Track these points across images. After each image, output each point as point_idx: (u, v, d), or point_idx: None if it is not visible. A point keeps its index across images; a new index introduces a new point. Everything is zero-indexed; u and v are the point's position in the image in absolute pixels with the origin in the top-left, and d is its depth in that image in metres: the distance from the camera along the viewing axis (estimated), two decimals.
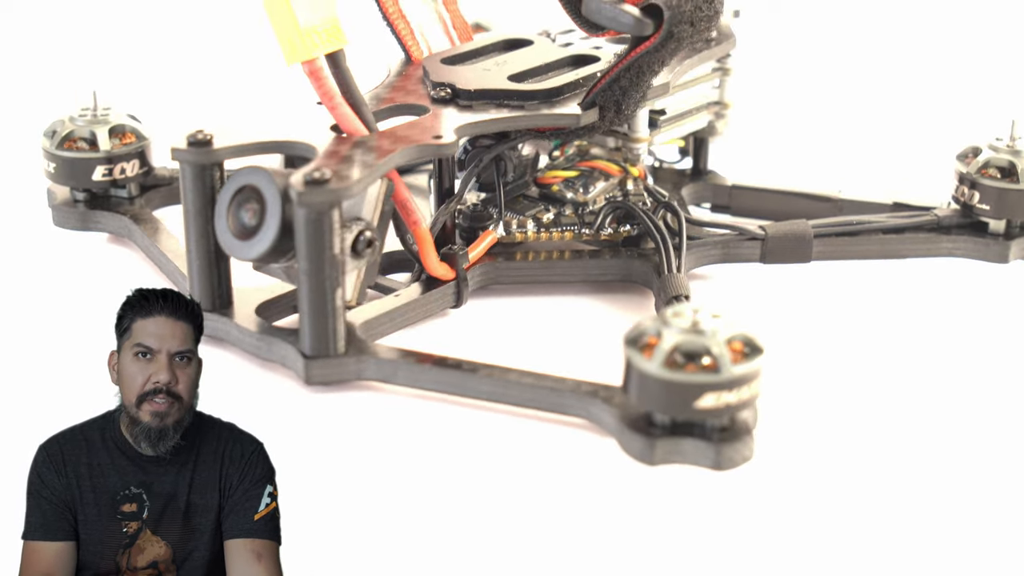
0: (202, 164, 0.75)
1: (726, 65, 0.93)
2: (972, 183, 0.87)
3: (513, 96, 0.82)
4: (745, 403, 0.66)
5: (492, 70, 0.84)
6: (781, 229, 0.87)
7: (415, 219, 0.79)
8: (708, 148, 0.97)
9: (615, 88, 0.80)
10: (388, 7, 0.88)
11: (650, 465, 0.67)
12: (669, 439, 0.67)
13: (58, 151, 0.89)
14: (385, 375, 0.74)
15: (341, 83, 0.77)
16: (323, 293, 0.73)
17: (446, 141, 0.77)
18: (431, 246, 0.80)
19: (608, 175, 0.89)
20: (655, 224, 0.85)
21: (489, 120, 0.80)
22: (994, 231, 0.87)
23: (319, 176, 0.70)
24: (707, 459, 0.67)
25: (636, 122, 0.87)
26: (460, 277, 0.82)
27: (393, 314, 0.79)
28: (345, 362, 0.74)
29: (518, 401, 0.72)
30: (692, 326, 0.66)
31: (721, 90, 0.94)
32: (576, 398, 0.71)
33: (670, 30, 0.77)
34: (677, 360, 0.65)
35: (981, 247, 0.87)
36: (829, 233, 0.87)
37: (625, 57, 0.79)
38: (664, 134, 0.91)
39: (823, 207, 0.93)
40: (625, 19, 0.77)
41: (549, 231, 0.86)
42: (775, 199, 0.94)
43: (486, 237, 0.85)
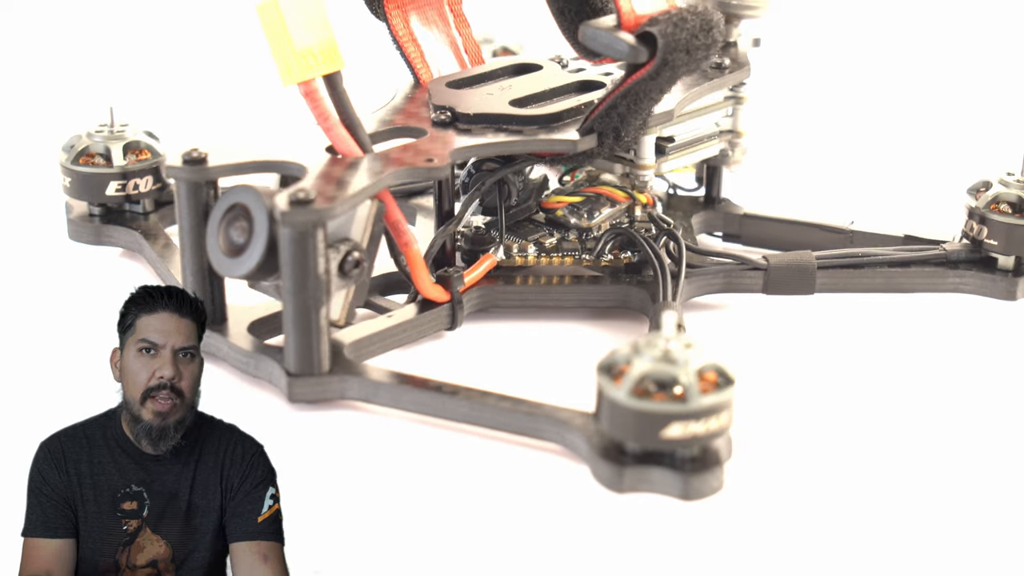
0: (196, 182, 0.76)
1: (739, 94, 0.92)
2: (981, 218, 0.85)
3: (512, 121, 0.82)
4: (714, 434, 0.66)
5: (495, 95, 0.85)
6: (784, 260, 0.86)
7: (406, 240, 0.79)
8: (721, 176, 0.96)
9: (613, 115, 0.80)
10: (398, 30, 0.89)
11: (619, 493, 0.67)
12: (638, 467, 0.67)
13: (73, 166, 0.91)
14: (367, 395, 0.75)
15: (337, 105, 0.78)
16: (307, 312, 0.73)
17: (437, 164, 0.77)
18: (423, 268, 0.80)
19: (615, 201, 0.89)
20: (655, 251, 0.84)
21: (484, 144, 0.80)
22: (1003, 267, 0.86)
23: (303, 196, 0.71)
24: (675, 489, 0.66)
25: (642, 149, 0.87)
26: (455, 300, 0.82)
27: (384, 334, 0.80)
28: (328, 381, 0.75)
29: (495, 425, 0.72)
30: (663, 355, 0.66)
31: (734, 119, 0.93)
32: (551, 424, 0.71)
33: (664, 58, 0.77)
34: (645, 389, 0.65)
35: (988, 283, 0.86)
36: (833, 265, 0.86)
37: (621, 84, 0.79)
38: (672, 161, 0.90)
39: (834, 238, 0.92)
40: (620, 47, 0.77)
41: (550, 256, 0.86)
42: (786, 229, 0.94)
43: (485, 260, 0.85)
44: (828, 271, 0.86)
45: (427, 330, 0.82)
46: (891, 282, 0.86)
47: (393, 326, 0.80)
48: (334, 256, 0.74)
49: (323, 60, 0.77)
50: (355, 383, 0.75)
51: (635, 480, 0.67)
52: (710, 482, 0.66)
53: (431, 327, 0.82)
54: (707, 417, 0.65)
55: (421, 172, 0.77)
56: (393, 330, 0.80)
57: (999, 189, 0.85)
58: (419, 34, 0.90)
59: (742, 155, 0.98)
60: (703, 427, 0.65)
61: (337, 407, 0.76)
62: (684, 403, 0.64)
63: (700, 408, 0.64)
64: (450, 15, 0.92)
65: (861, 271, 0.86)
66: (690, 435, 0.65)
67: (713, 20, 0.78)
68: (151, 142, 0.93)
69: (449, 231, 0.84)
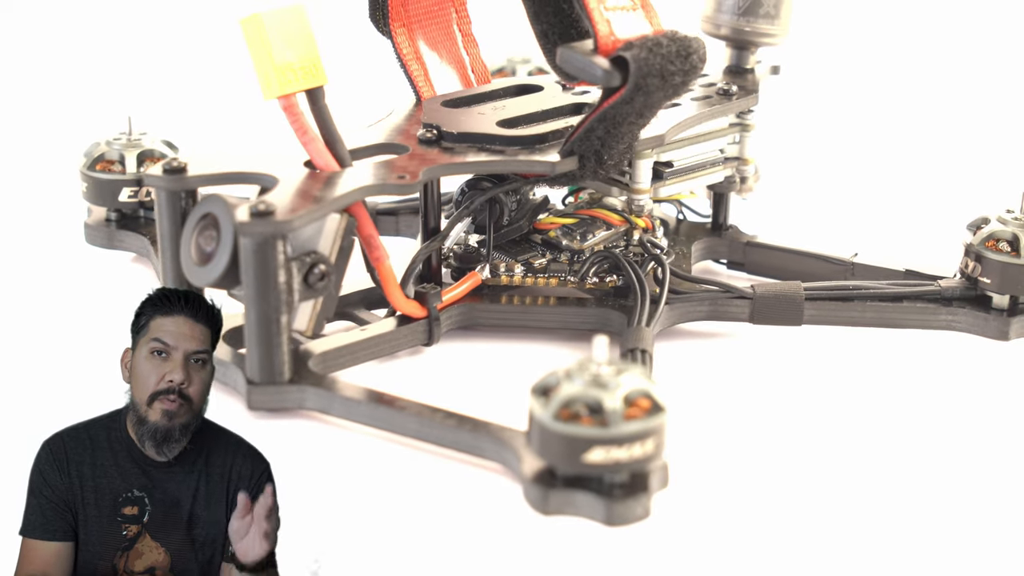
0: (173, 191, 0.78)
1: (746, 121, 0.92)
2: (977, 255, 0.83)
3: (495, 140, 0.82)
4: (639, 461, 0.65)
5: (487, 115, 0.85)
6: (770, 290, 0.85)
7: (377, 255, 0.80)
8: (729, 203, 0.95)
9: (592, 138, 0.80)
10: (403, 47, 0.90)
11: (545, 515, 0.67)
12: (564, 491, 0.66)
13: (90, 171, 0.94)
14: (324, 406, 0.76)
15: (318, 120, 0.79)
16: (267, 322, 0.74)
17: (409, 181, 0.78)
18: (394, 284, 0.81)
19: (610, 225, 0.89)
20: (638, 276, 0.84)
21: (461, 163, 0.81)
22: (997, 306, 0.84)
23: (263, 208, 0.72)
24: (598, 513, 0.66)
25: (637, 173, 0.87)
26: (432, 316, 0.83)
27: (355, 347, 0.81)
28: (287, 390, 0.76)
29: (440, 442, 0.73)
30: (592, 379, 0.65)
31: (741, 146, 0.92)
32: (492, 443, 0.71)
33: (637, 83, 0.76)
34: (570, 412, 0.65)
35: (981, 322, 0.84)
36: (821, 297, 0.85)
37: (597, 108, 0.79)
38: (671, 187, 0.90)
39: (835, 269, 0.91)
40: (594, 71, 0.77)
41: (535, 276, 0.86)
42: (788, 258, 0.92)
43: (470, 278, 0.85)
44: (817, 303, 0.85)
45: (402, 345, 0.83)
46: (882, 317, 0.85)
47: (365, 339, 0.81)
48: (299, 268, 0.75)
49: (304, 76, 0.78)
50: (313, 394, 0.76)
51: (561, 503, 0.67)
52: (634, 509, 0.66)
53: (406, 342, 0.83)
54: (631, 443, 0.64)
55: (391, 188, 0.78)
56: (365, 343, 0.81)
57: (996, 227, 0.83)
58: (424, 52, 0.91)
59: (755, 182, 0.97)
60: (626, 453, 0.65)
61: (297, 417, 0.77)
62: (606, 428, 0.64)
63: (623, 434, 0.64)
64: (459, 34, 0.93)
65: (851, 304, 0.85)
66: (612, 460, 0.65)
67: (692, 46, 0.78)
68: (167, 151, 0.95)
69: (431, 248, 0.84)
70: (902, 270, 0.89)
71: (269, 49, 0.77)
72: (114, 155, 0.94)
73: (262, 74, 0.77)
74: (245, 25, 0.77)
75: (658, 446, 0.66)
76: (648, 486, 0.66)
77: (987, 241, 0.83)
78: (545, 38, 0.83)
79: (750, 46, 0.94)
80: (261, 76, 0.77)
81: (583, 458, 0.64)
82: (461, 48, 0.93)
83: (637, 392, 0.65)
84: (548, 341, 0.86)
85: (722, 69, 0.95)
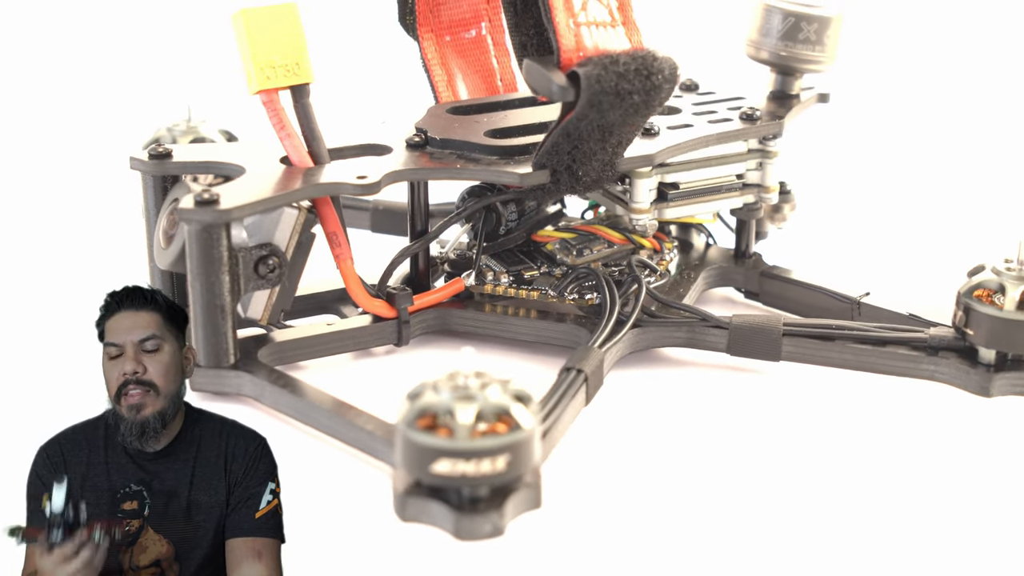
0: (155, 175, 0.82)
1: (768, 147, 0.89)
2: (965, 305, 0.79)
3: (475, 149, 0.83)
4: (488, 476, 0.65)
5: (481, 123, 0.85)
6: (748, 321, 0.82)
7: (338, 253, 0.81)
8: (751, 230, 0.93)
9: (560, 153, 0.79)
10: (428, 52, 0.91)
11: (403, 521, 0.67)
12: (422, 499, 0.67)
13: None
14: (257, 394, 0.78)
15: (299, 117, 0.81)
16: (211, 307, 0.77)
17: (369, 182, 0.79)
18: (356, 281, 0.82)
19: (611, 243, 0.88)
20: (612, 295, 0.83)
21: (426, 168, 0.81)
22: (984, 360, 0.79)
23: (208, 197, 0.75)
24: (448, 525, 0.66)
25: (636, 192, 0.86)
26: (401, 318, 0.84)
27: (316, 340, 0.83)
28: (226, 375, 0.78)
29: (345, 439, 0.74)
30: (453, 390, 0.65)
31: (763, 173, 0.89)
32: (384, 445, 0.72)
33: (589, 100, 0.75)
34: (424, 421, 0.65)
35: (963, 375, 0.79)
36: (801, 334, 0.82)
37: (557, 124, 0.78)
38: (678, 209, 0.88)
39: (841, 307, 0.87)
40: (549, 86, 0.76)
41: (518, 288, 0.86)
42: (799, 291, 0.89)
43: (453, 284, 0.86)
44: (796, 339, 0.82)
45: (369, 343, 0.84)
46: (861, 360, 0.81)
47: (331, 333, 0.83)
48: (248, 258, 0.77)
49: (287, 73, 0.80)
50: (249, 381, 0.78)
51: (417, 511, 0.67)
52: (482, 526, 0.65)
53: (373, 340, 0.84)
54: (479, 458, 0.64)
55: (348, 188, 0.79)
56: (331, 337, 0.83)
57: (985, 276, 0.78)
58: (451, 59, 0.92)
59: (790, 211, 0.94)
60: (473, 468, 0.64)
61: (239, 401, 0.79)
62: (452, 440, 0.64)
63: (469, 448, 0.64)
64: (491, 44, 0.93)
65: (831, 344, 0.81)
66: (459, 473, 0.64)
67: (654, 66, 0.76)
68: (219, 139, 1.00)
69: (410, 251, 0.85)
70: (906, 313, 0.84)
71: (250, 46, 0.79)
72: (168, 140, 0.99)
73: (245, 69, 0.80)
74: (234, 20, 0.80)
75: (513, 464, 0.65)
76: (503, 504, 0.66)
77: (975, 291, 0.78)
78: (523, 50, 0.83)
79: (794, 72, 0.92)
80: (244, 70, 0.80)
81: (430, 468, 0.65)
82: (492, 57, 0.93)
83: (496, 408, 0.65)
84: (532, 354, 0.85)
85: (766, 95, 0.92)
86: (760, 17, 0.90)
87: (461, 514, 0.65)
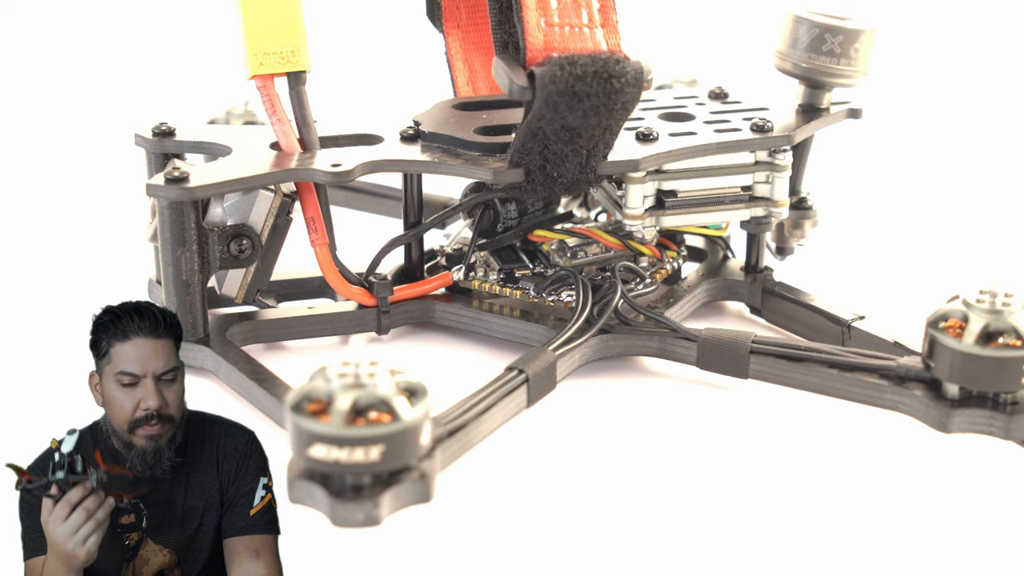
0: (156, 153, 0.86)
1: (777, 160, 0.86)
2: (930, 336, 0.75)
3: (459, 144, 0.83)
4: (362, 466, 0.65)
5: (479, 120, 0.86)
6: (716, 335, 0.80)
7: (314, 238, 0.83)
8: (761, 245, 0.90)
9: (531, 152, 0.79)
10: (452, 48, 0.92)
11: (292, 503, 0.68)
12: (307, 482, 0.68)
13: None
14: (215, 369, 0.81)
15: (293, 103, 0.83)
16: (179, 282, 0.80)
17: (342, 170, 0.81)
18: (331, 268, 0.84)
19: (608, 247, 0.87)
20: (584, 299, 0.82)
21: (404, 161, 0.82)
22: (947, 394, 0.74)
23: (178, 175, 0.78)
24: (325, 509, 0.67)
25: (628, 198, 0.85)
26: (381, 308, 0.85)
27: (294, 322, 0.85)
28: (191, 348, 0.81)
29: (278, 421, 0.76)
30: (339, 377, 0.66)
31: (772, 187, 0.87)
32: None
33: (544, 100, 0.75)
34: (306, 404, 0.66)
35: (923, 408, 0.75)
36: (768, 353, 0.79)
37: (521, 123, 0.78)
38: (676, 218, 0.86)
39: (832, 329, 0.84)
40: (509, 86, 0.76)
41: (504, 286, 0.86)
42: (795, 310, 0.87)
43: (440, 277, 0.87)
44: (764, 358, 0.79)
45: (347, 329, 0.86)
46: (827, 384, 0.78)
47: (306, 316, 0.85)
48: (221, 237, 0.80)
49: (282, 61, 0.83)
50: (209, 356, 0.81)
51: (302, 493, 0.68)
52: (355, 513, 0.66)
53: (352, 327, 0.86)
54: (352, 447, 0.65)
55: (319, 175, 0.81)
56: (306, 320, 0.85)
57: (952, 306, 0.74)
58: (474, 55, 0.93)
59: (811, 227, 0.92)
60: (347, 455, 0.65)
61: (205, 375, 0.82)
62: (326, 426, 0.65)
63: (341, 435, 0.64)
64: None
65: (798, 365, 0.78)
66: (333, 459, 0.65)
67: (615, 70, 0.75)
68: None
69: (401, 240, 0.86)
70: (891, 341, 0.81)
71: (244, 31, 0.82)
72: (223, 122, 1.03)
73: (241, 54, 0.83)
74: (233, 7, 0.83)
75: (388, 456, 0.65)
76: (381, 495, 0.66)
77: (943, 321, 0.74)
78: (504, 48, 0.82)
79: (821, 85, 0.89)
80: (241, 56, 0.83)
81: (307, 451, 0.66)
82: None
83: (376, 399, 0.65)
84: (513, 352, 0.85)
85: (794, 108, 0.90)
86: (788, 28, 0.88)
87: (337, 500, 0.66)
